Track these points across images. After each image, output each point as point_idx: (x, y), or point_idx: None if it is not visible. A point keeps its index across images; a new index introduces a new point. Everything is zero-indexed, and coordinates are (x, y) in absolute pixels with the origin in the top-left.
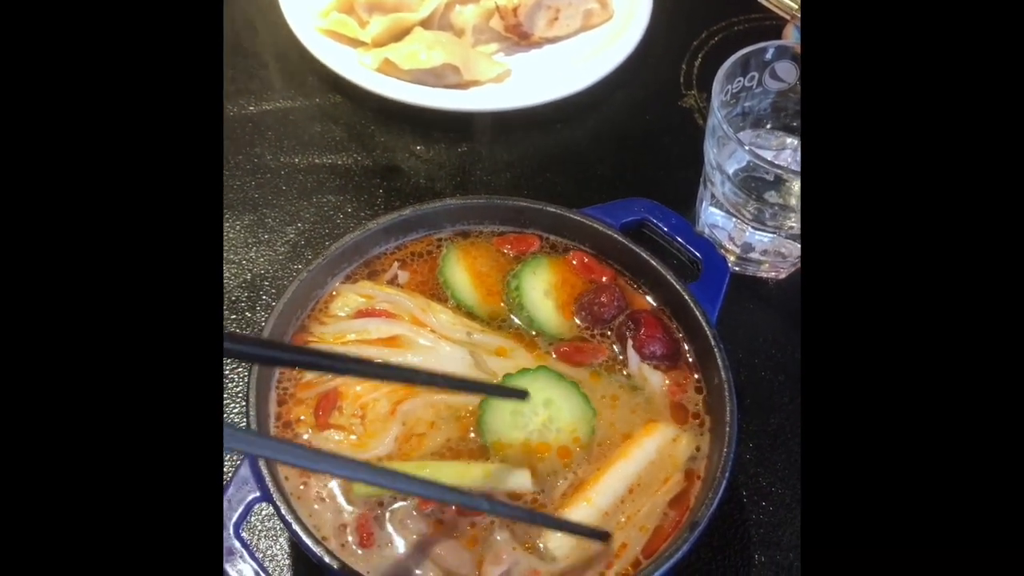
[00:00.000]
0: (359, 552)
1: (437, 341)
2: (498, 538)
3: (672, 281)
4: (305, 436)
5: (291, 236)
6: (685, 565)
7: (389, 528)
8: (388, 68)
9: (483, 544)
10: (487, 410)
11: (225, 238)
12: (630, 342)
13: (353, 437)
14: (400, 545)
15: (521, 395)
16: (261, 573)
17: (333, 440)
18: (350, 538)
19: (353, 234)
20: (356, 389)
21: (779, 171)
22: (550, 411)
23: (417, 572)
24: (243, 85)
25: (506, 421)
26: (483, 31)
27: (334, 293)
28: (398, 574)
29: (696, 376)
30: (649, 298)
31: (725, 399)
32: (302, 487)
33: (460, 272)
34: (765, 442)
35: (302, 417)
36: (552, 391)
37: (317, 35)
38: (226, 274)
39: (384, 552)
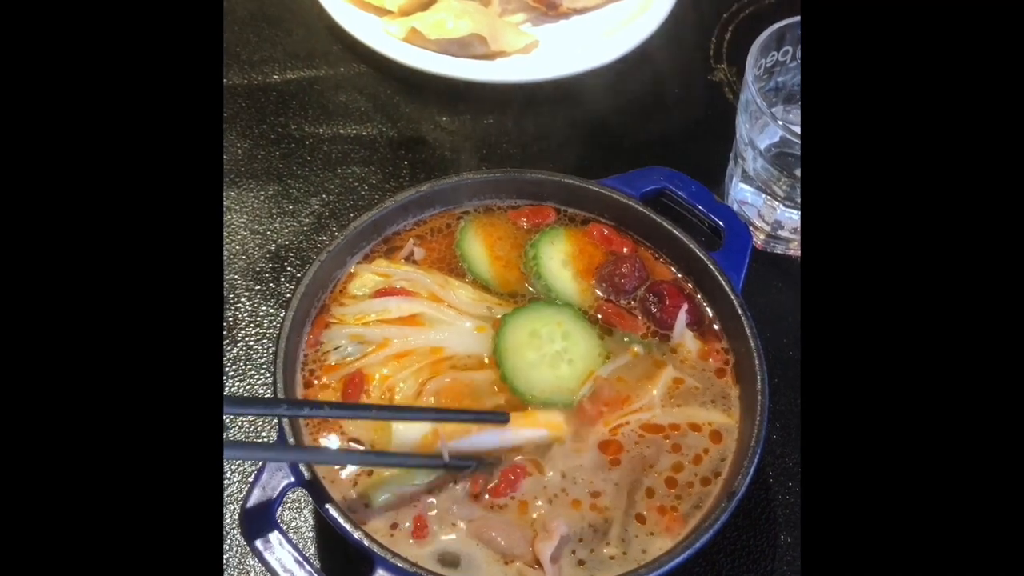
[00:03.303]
0: (411, 542)
1: (458, 317)
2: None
3: (695, 250)
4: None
5: (316, 207)
6: (712, 543)
7: (437, 517)
8: (414, 37)
9: (532, 518)
10: (506, 325)
11: (250, 208)
12: (656, 315)
13: None
14: (452, 533)
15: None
16: (300, 559)
17: (365, 422)
18: (407, 525)
19: (371, 212)
20: (383, 371)
21: None
22: (567, 343)
23: (474, 557)
24: (267, 54)
25: (522, 341)
26: (510, 1)
27: (352, 272)
28: (455, 563)
29: (723, 345)
30: (671, 268)
31: (755, 367)
32: (338, 469)
33: (477, 246)
34: (792, 422)
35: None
36: (573, 327)
37: (342, 3)
38: (251, 244)
39: (438, 540)
